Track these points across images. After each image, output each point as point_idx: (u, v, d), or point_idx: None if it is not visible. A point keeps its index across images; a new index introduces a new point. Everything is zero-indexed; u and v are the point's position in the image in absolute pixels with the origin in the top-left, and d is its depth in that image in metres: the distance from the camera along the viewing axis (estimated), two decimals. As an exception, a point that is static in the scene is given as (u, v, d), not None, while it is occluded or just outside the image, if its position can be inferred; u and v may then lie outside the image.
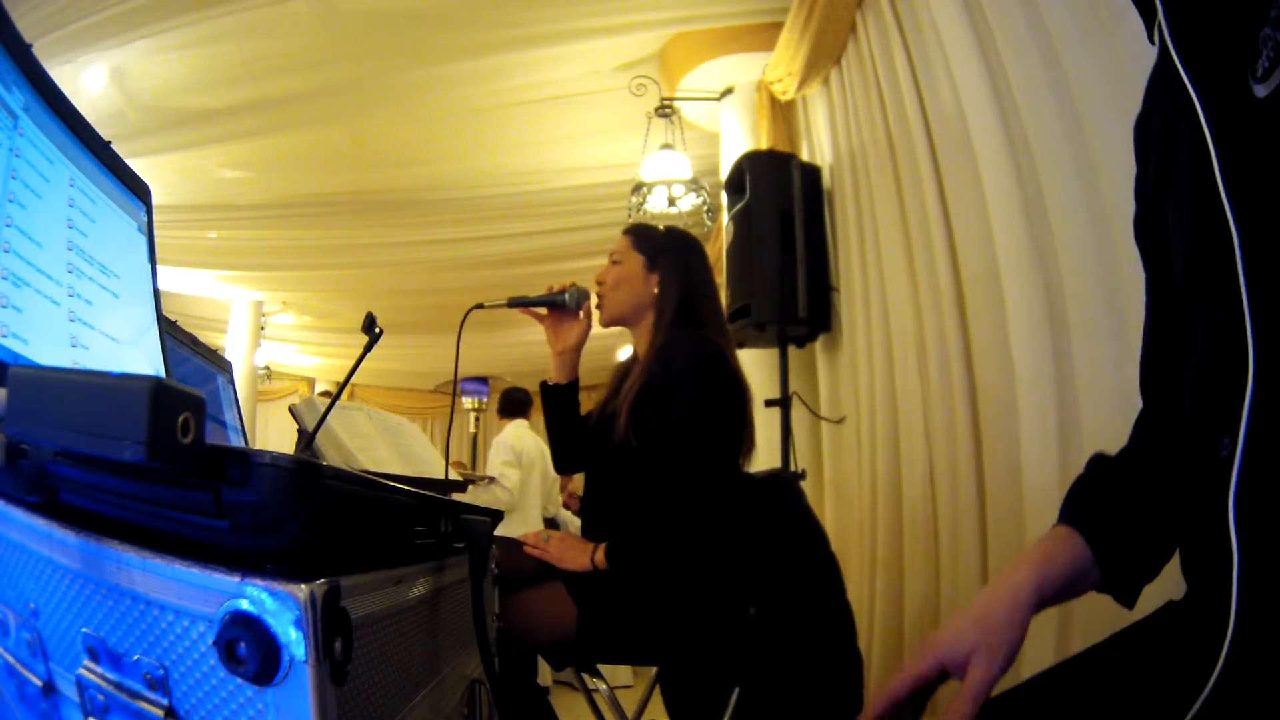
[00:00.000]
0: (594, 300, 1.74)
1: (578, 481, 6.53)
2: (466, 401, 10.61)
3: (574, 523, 4.57)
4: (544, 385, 1.75)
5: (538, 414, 1.93)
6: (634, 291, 1.69)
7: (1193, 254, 0.64)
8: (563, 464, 1.78)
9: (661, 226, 1.81)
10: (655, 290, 1.68)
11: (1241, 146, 0.55)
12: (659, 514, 1.45)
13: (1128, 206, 0.78)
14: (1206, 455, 0.60)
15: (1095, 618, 1.41)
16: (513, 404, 4.50)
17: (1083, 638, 1.47)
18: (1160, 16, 0.62)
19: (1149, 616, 0.69)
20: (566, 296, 1.69)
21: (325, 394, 7.48)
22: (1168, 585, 0.71)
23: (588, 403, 1.77)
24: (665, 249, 1.71)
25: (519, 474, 4.07)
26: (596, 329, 1.75)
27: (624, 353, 7.63)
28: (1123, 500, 0.73)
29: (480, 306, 1.62)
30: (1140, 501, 0.72)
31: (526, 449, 4.19)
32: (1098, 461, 0.78)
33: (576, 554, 1.50)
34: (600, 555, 1.47)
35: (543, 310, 1.71)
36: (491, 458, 4.20)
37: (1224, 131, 0.56)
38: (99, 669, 0.49)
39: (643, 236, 1.75)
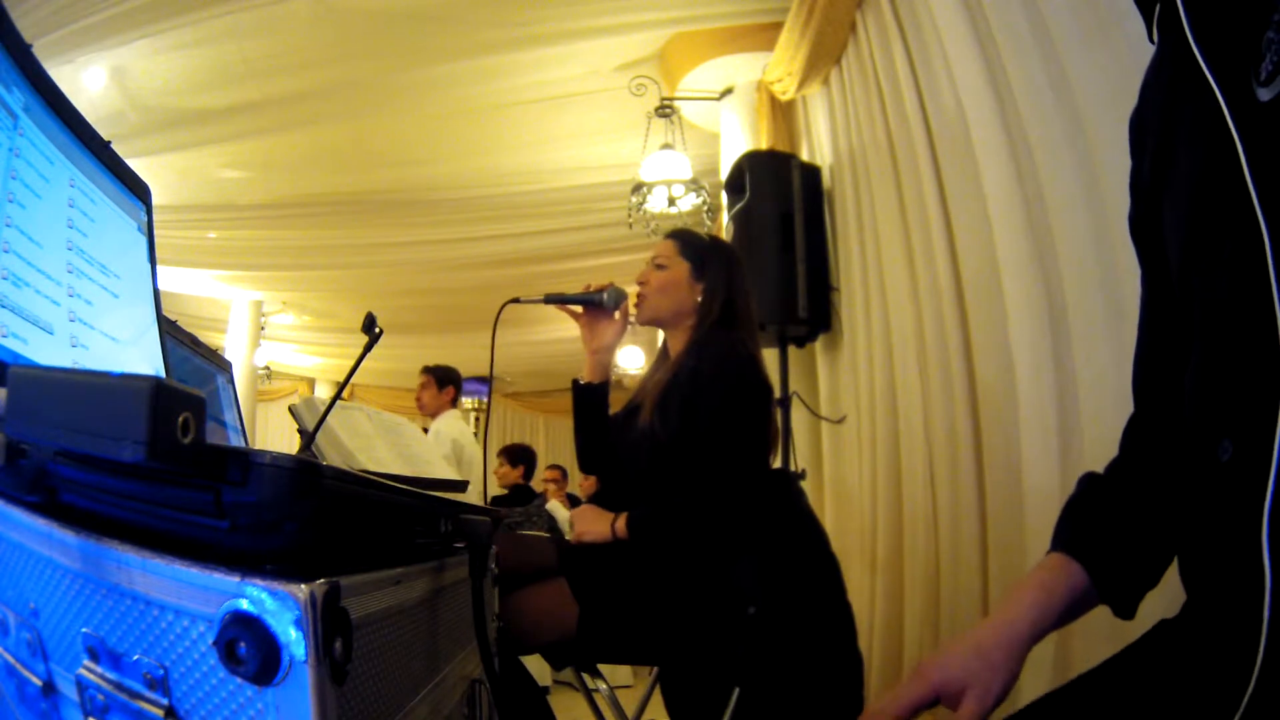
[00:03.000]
0: (631, 299, 1.74)
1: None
2: (466, 401, 10.62)
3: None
4: (576, 384, 1.75)
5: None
6: (678, 297, 1.69)
7: (1190, 251, 0.63)
8: (588, 463, 1.77)
9: (706, 235, 1.82)
10: (699, 298, 1.69)
11: (1257, 148, 0.55)
12: (687, 497, 1.46)
13: (1127, 206, 0.78)
14: (1205, 459, 0.59)
15: (1093, 626, 1.41)
16: (449, 379, 4.26)
17: (1082, 639, 1.47)
18: (1180, 13, 0.61)
19: (1144, 637, 0.68)
20: (605, 296, 1.69)
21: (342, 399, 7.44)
22: (1164, 593, 0.71)
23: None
24: (712, 259, 1.72)
25: (455, 472, 3.96)
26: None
27: (624, 354, 7.61)
28: (1117, 520, 0.72)
29: (516, 301, 1.63)
30: (1135, 518, 0.72)
31: (467, 443, 3.96)
32: (1088, 481, 0.78)
33: (594, 522, 1.52)
34: (621, 524, 1.48)
35: (578, 308, 1.72)
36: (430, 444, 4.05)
37: (1247, 131, 0.55)
38: (99, 669, 0.49)
39: (689, 243, 1.75)
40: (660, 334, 1.88)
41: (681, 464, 1.50)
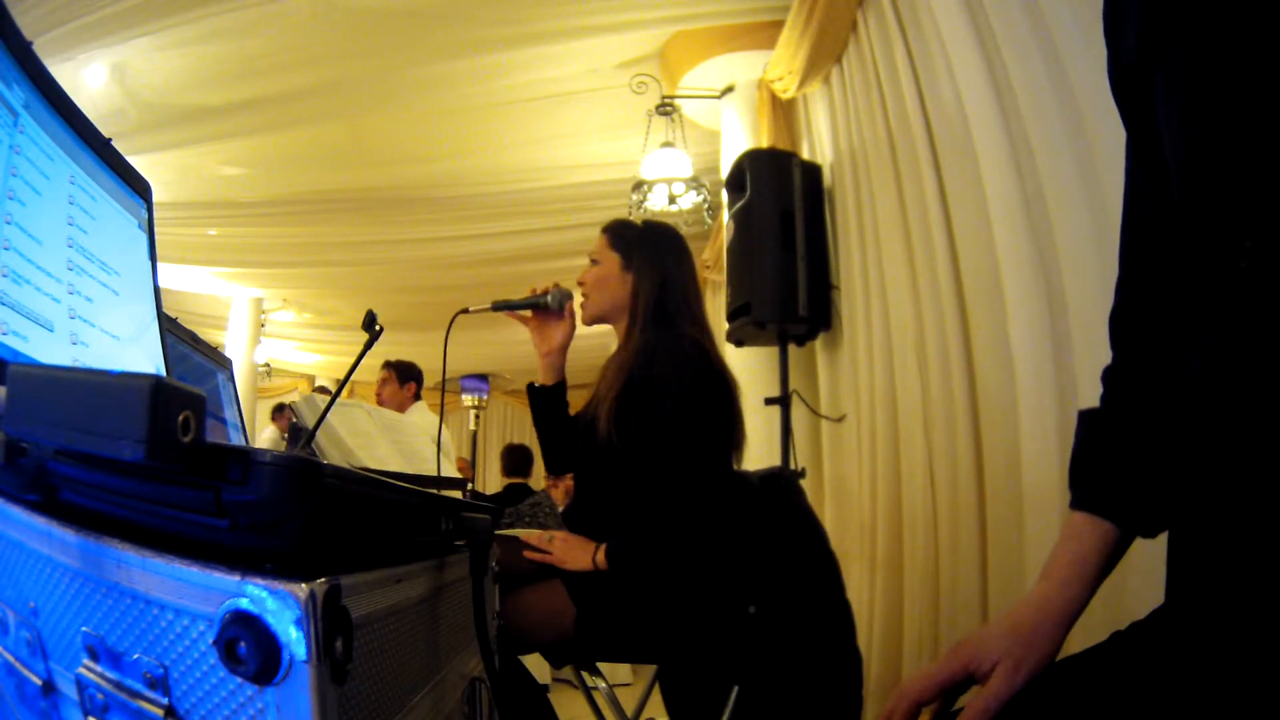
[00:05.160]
0: (577, 300, 1.73)
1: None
2: (466, 399, 10.61)
3: None
4: (531, 387, 1.75)
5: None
6: (611, 290, 1.69)
7: (1203, 169, 0.58)
8: (554, 464, 1.77)
9: (639, 221, 1.79)
10: (630, 288, 1.67)
11: None
12: (658, 515, 1.45)
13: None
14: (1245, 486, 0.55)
15: (1092, 622, 1.41)
16: (410, 375, 4.21)
17: (1081, 635, 1.47)
18: None
19: (1142, 621, 0.66)
20: (549, 298, 1.69)
21: (320, 389, 7.42)
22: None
23: (577, 402, 1.77)
24: (640, 246, 1.70)
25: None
26: (587, 329, 1.75)
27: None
28: (1130, 455, 0.70)
29: (466, 311, 1.64)
30: (1147, 443, 0.69)
31: (445, 439, 3.95)
32: (1091, 421, 0.75)
33: (578, 554, 1.50)
34: (601, 556, 1.47)
35: (527, 312, 1.72)
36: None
37: None
38: (98, 668, 0.49)
39: (618, 234, 1.73)
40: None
41: (648, 474, 1.48)
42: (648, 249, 1.69)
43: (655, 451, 1.47)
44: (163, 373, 0.96)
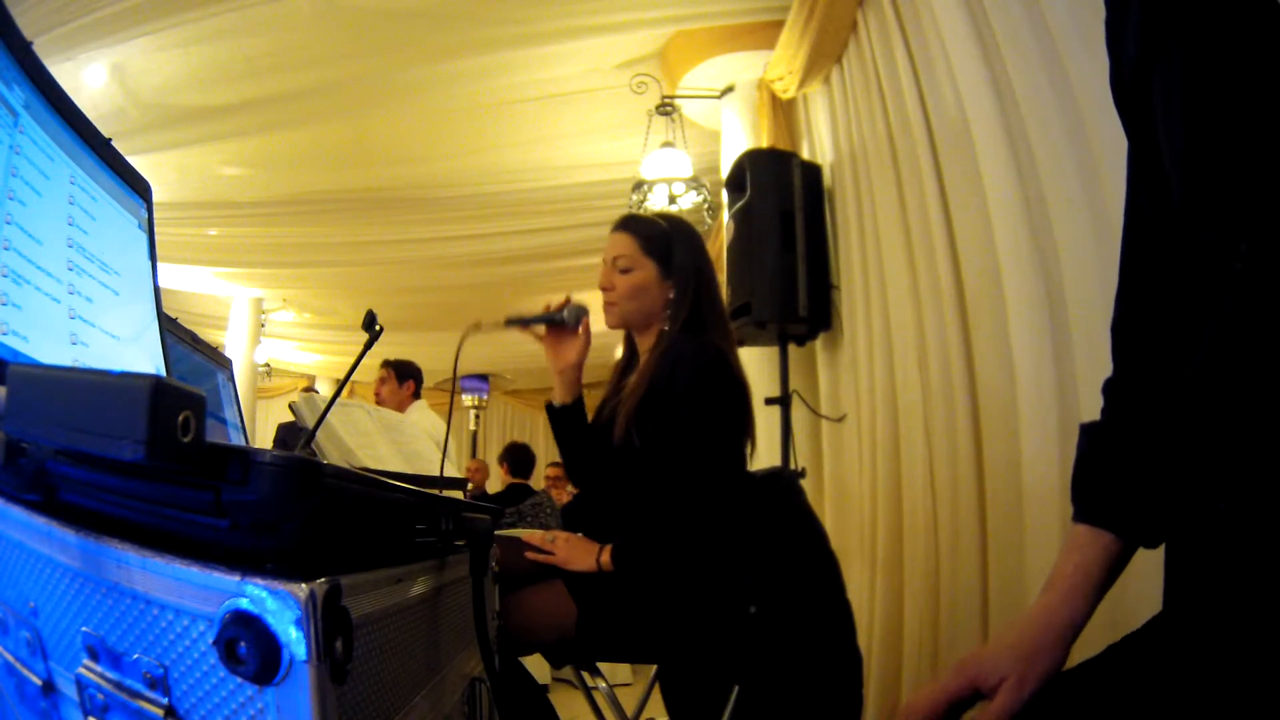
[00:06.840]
0: (598, 300, 1.71)
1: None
2: (466, 399, 10.63)
3: None
4: (549, 407, 1.72)
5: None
6: (649, 300, 1.65)
7: (1199, 171, 0.59)
8: (581, 480, 1.74)
9: (662, 220, 1.72)
10: (670, 295, 1.64)
11: None
12: (665, 517, 1.45)
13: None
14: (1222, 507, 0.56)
15: (1092, 623, 1.41)
16: (409, 374, 4.21)
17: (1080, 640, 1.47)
18: None
19: (1142, 629, 0.67)
20: (565, 314, 1.66)
21: (310, 388, 7.37)
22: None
23: (589, 400, 1.75)
24: (677, 252, 1.66)
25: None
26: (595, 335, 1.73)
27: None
28: (1132, 468, 0.70)
29: (478, 327, 1.61)
30: (1149, 454, 0.69)
31: (442, 437, 3.93)
32: (1092, 434, 0.75)
33: (583, 555, 1.49)
34: (606, 557, 1.46)
35: (540, 329, 1.69)
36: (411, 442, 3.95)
37: None
38: (98, 668, 0.49)
39: (650, 238, 1.67)
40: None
41: (662, 477, 1.48)
42: (685, 254, 1.66)
43: (669, 455, 1.47)
44: (163, 373, 0.96)
